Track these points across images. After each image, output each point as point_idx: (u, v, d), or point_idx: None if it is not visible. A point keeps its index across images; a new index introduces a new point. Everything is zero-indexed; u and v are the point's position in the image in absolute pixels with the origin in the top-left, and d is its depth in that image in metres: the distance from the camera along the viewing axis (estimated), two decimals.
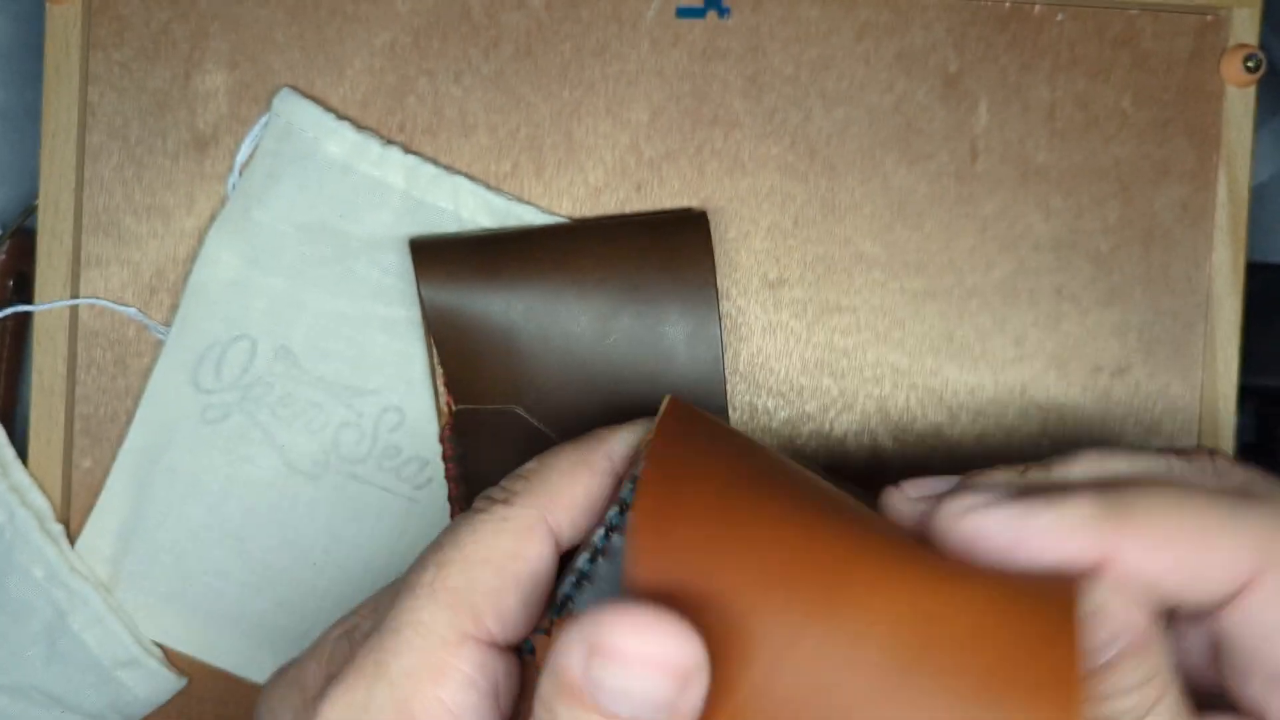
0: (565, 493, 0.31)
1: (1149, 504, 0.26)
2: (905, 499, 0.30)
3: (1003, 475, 0.29)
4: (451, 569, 0.29)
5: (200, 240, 0.44)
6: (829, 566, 0.25)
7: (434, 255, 0.42)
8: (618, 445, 0.32)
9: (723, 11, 0.44)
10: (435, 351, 0.42)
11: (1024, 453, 0.46)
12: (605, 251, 0.42)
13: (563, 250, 0.42)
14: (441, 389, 0.43)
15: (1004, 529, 0.27)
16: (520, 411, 0.42)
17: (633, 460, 0.32)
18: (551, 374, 0.42)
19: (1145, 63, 0.45)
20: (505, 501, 0.31)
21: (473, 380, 0.42)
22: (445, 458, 0.43)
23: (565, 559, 0.32)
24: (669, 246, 0.42)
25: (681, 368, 0.42)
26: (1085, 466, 0.29)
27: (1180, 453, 0.29)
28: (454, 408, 0.42)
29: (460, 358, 0.42)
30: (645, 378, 0.42)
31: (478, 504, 0.31)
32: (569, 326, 0.42)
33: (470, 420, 0.42)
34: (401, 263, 0.44)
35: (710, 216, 0.44)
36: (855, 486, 0.32)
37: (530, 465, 0.32)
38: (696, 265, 0.42)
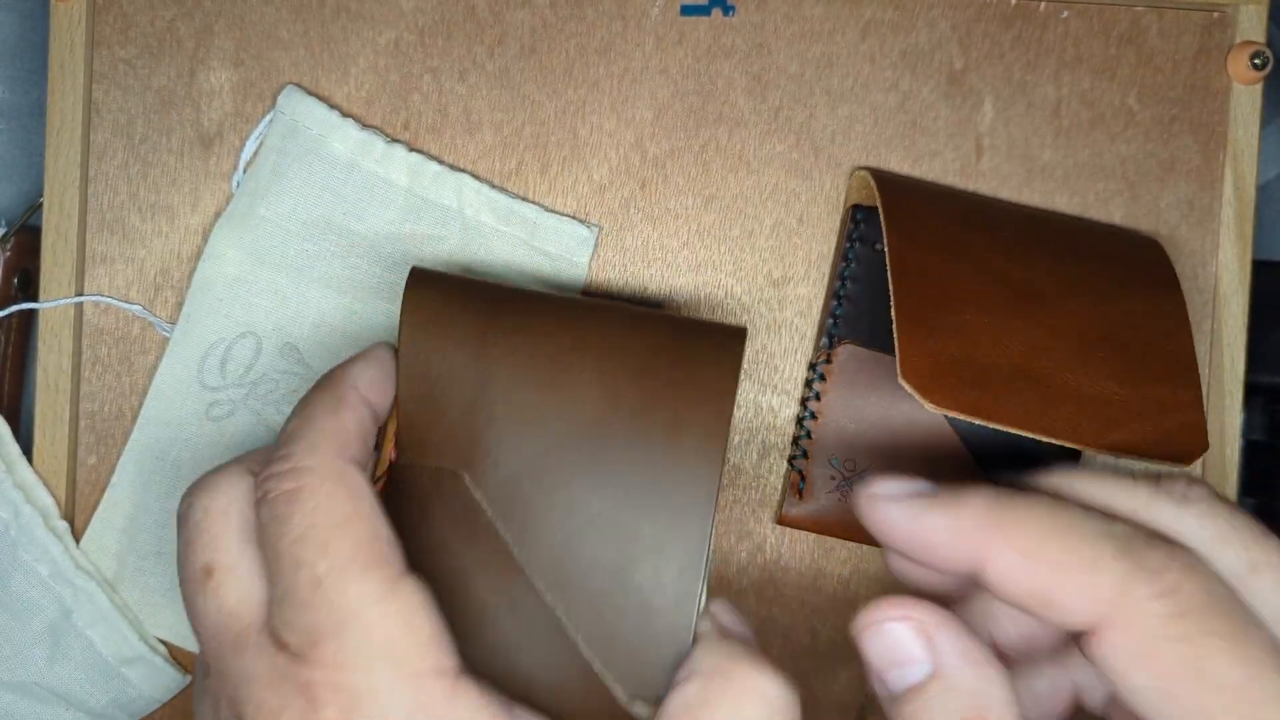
0: (339, 430, 0.33)
1: (1023, 516, 0.27)
2: (865, 493, 0.31)
3: (968, 495, 0.29)
4: (332, 540, 0.31)
5: (205, 237, 0.44)
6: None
7: (428, 292, 0.37)
8: (360, 377, 0.35)
9: (727, 9, 0.44)
10: (397, 391, 0.37)
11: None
12: (611, 356, 0.35)
13: (565, 335, 0.35)
14: (390, 434, 0.36)
15: (901, 522, 0.29)
16: (466, 479, 0.35)
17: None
18: (514, 454, 0.35)
19: (1151, 60, 0.44)
20: (299, 467, 0.32)
21: (427, 431, 0.36)
22: None
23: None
24: (685, 374, 0.35)
25: (657, 526, 0.34)
26: (1050, 482, 0.29)
27: (1156, 479, 0.29)
28: (394, 459, 0.36)
29: (421, 404, 0.36)
30: (610, 509, 0.34)
31: (282, 486, 0.32)
32: (548, 424, 0.35)
33: (407, 478, 0.36)
34: (405, 260, 0.44)
35: (714, 214, 0.44)
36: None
37: (292, 424, 0.33)
38: (707, 423, 0.34)
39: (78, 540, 0.45)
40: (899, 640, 0.28)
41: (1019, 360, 0.38)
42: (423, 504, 0.35)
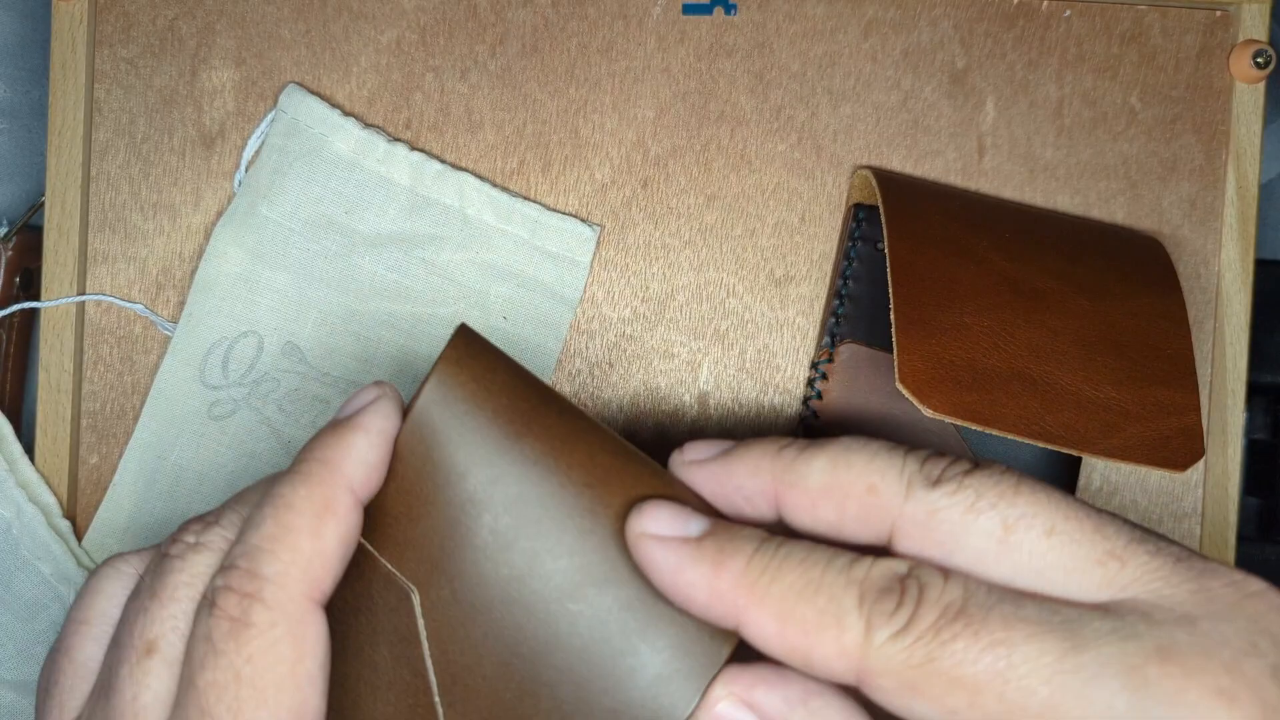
0: (319, 554, 0.28)
1: (779, 573, 0.27)
2: (679, 459, 0.31)
3: (759, 443, 0.30)
4: (246, 708, 0.27)
5: (207, 236, 0.44)
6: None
7: (467, 366, 0.31)
8: (357, 471, 0.29)
9: (729, 8, 0.44)
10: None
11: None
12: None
13: (589, 491, 0.30)
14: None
15: (711, 478, 0.30)
16: (415, 601, 0.30)
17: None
18: (478, 593, 0.29)
19: (1153, 59, 0.44)
20: (258, 597, 0.28)
21: (397, 524, 0.30)
22: None
23: None
24: None
25: (635, 697, 0.29)
26: (831, 451, 0.29)
27: (930, 456, 0.29)
28: (361, 542, 0.31)
29: (404, 491, 0.30)
30: (579, 677, 0.29)
31: (229, 608, 0.28)
32: (527, 579, 0.29)
33: (361, 561, 0.30)
34: (405, 259, 0.44)
35: (716, 213, 0.44)
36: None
37: (267, 528, 0.29)
38: (694, 659, 0.29)
39: (80, 539, 0.45)
40: (728, 718, 0.28)
41: (1019, 363, 0.38)
42: (363, 602, 0.30)
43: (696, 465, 0.30)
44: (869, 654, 0.26)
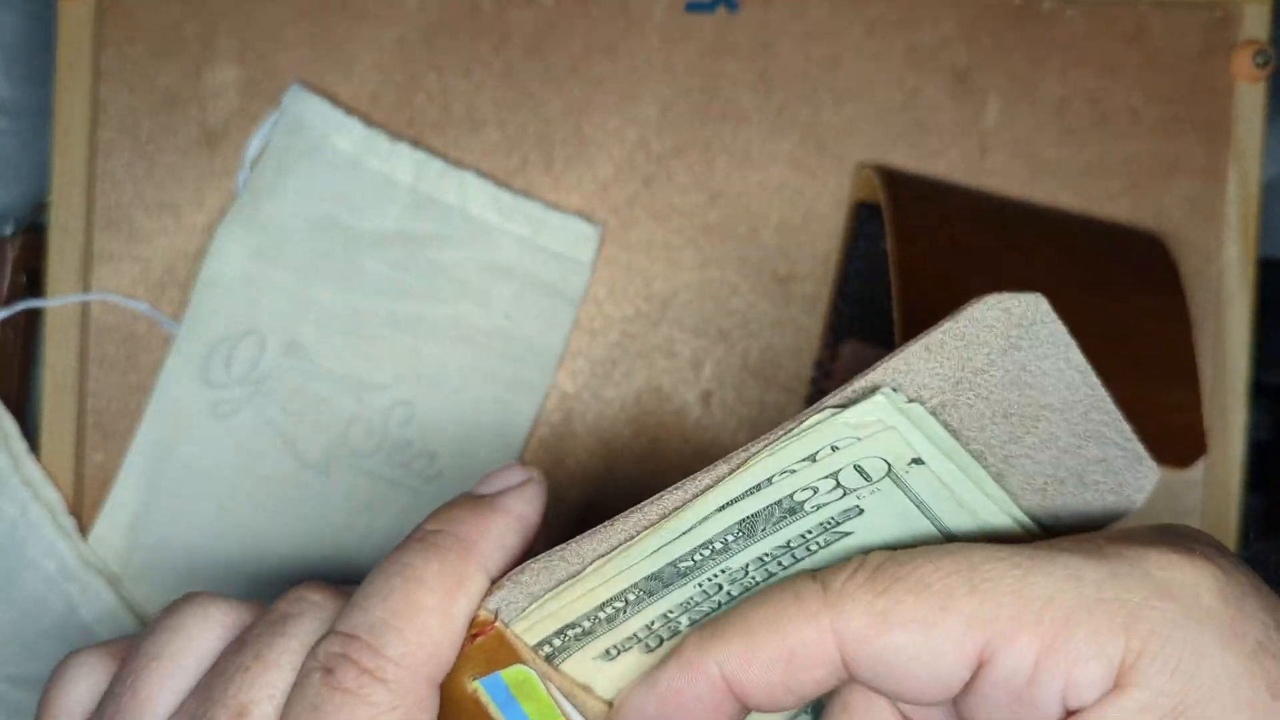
0: (450, 637, 0.26)
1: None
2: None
3: None
4: None
5: (210, 236, 0.44)
6: None
7: None
8: (493, 555, 0.28)
9: (732, 7, 0.44)
10: None
11: None
12: None
13: None
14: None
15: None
16: None
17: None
18: None
19: (1155, 59, 0.44)
20: (380, 676, 0.26)
21: None
22: None
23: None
24: None
25: None
26: None
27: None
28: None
29: None
30: None
31: (346, 680, 0.26)
32: None
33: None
34: (408, 258, 0.44)
35: (719, 211, 0.44)
36: None
37: (394, 602, 0.26)
38: None
39: (84, 537, 0.45)
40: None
41: None
42: None
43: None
44: (833, 603, 0.24)
